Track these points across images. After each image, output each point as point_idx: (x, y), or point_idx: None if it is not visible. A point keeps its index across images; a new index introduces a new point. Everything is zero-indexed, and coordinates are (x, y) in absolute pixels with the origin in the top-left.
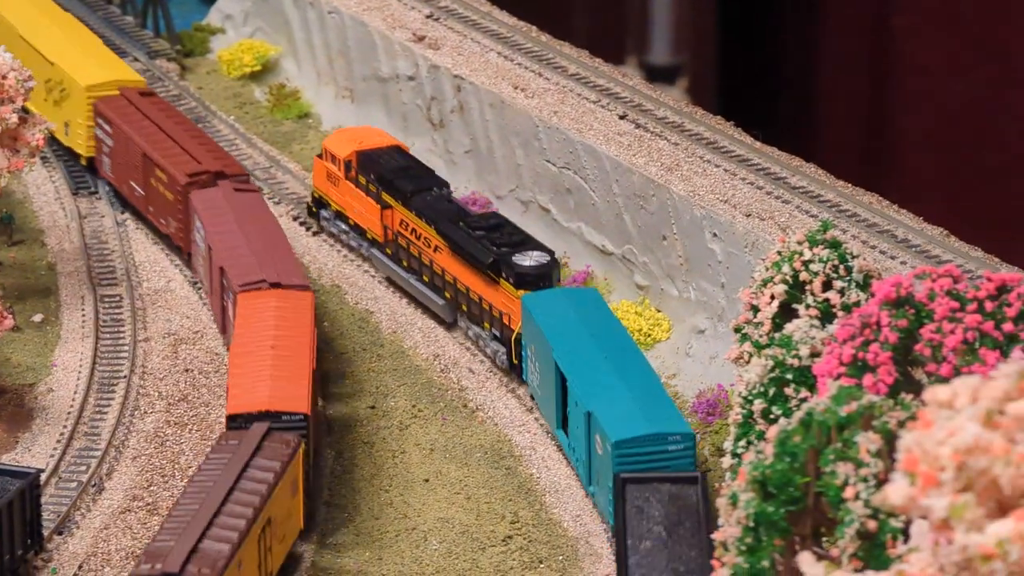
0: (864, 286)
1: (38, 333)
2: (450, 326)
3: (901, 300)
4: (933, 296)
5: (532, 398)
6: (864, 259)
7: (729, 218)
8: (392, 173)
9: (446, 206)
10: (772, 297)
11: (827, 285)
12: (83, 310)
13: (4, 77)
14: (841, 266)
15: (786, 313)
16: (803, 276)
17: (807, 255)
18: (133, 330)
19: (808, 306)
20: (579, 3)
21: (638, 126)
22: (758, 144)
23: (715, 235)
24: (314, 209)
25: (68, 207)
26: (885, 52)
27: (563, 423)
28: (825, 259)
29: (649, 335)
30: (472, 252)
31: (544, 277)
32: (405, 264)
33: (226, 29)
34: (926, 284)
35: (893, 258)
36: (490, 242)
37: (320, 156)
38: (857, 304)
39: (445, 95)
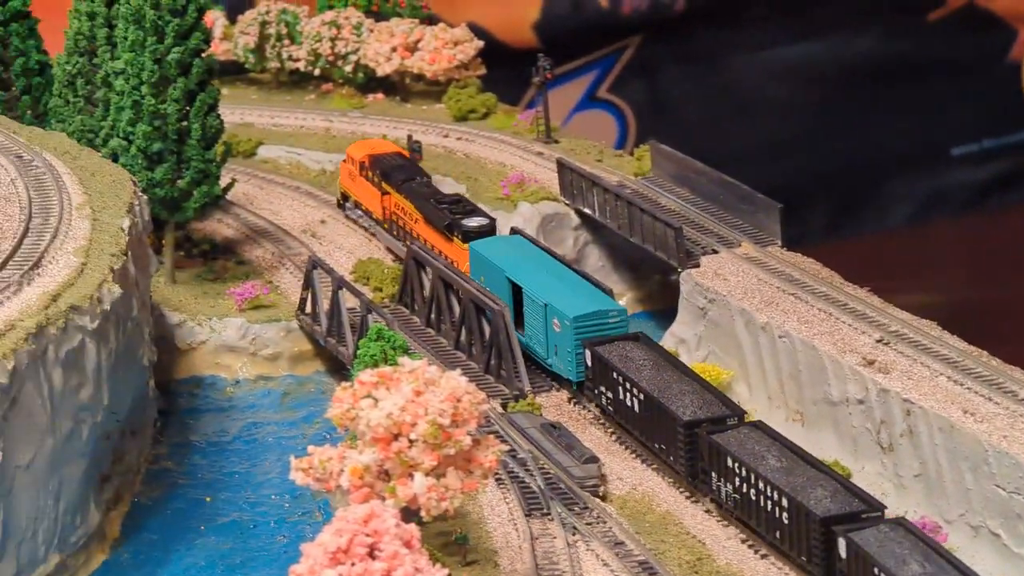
0: None
1: None
2: None
3: None
4: None
5: None
6: None
7: None
8: (391, 169)
9: (424, 190)
10: None
11: None
12: None
13: (459, 400)
14: None
15: None
16: None
17: None
18: None
19: None
20: None
21: None
22: None
23: None
24: (341, 201)
25: (521, 528)
26: None
27: (517, 323)
28: None
29: None
30: (435, 219)
31: (484, 234)
32: (395, 234)
33: (679, 353)
34: None
35: None
36: (449, 212)
37: (344, 161)
38: None
39: (894, 419)
